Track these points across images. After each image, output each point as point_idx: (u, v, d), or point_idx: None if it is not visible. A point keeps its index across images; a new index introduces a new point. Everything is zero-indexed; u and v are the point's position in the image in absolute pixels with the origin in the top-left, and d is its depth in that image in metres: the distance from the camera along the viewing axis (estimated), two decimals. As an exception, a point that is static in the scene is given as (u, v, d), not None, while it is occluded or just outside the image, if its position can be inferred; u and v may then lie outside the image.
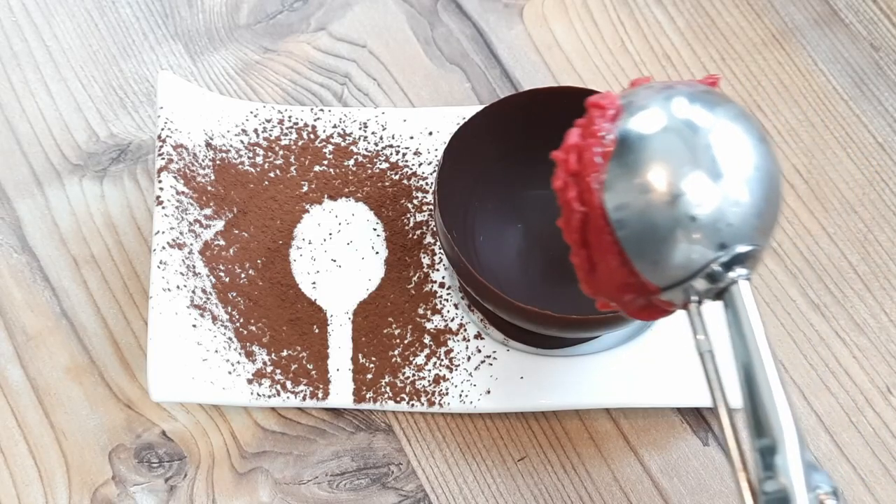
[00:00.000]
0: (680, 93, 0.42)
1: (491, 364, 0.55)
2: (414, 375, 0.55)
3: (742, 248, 0.41)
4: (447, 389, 0.54)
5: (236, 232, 0.57)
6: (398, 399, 0.54)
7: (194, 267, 0.55)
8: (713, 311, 0.42)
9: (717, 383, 0.41)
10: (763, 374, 0.39)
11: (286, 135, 0.60)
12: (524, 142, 0.56)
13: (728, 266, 0.41)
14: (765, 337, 0.40)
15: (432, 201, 0.55)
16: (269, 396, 0.54)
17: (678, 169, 0.41)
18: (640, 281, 0.42)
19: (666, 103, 0.42)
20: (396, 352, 0.55)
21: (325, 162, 0.60)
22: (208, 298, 0.55)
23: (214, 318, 0.55)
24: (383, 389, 0.54)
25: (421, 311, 0.56)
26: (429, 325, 0.56)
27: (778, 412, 0.39)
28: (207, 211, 0.57)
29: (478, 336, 0.56)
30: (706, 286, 0.41)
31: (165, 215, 0.55)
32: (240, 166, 0.59)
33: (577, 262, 0.43)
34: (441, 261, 0.57)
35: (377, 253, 0.58)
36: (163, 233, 0.55)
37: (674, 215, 0.41)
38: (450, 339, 0.56)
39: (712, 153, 0.41)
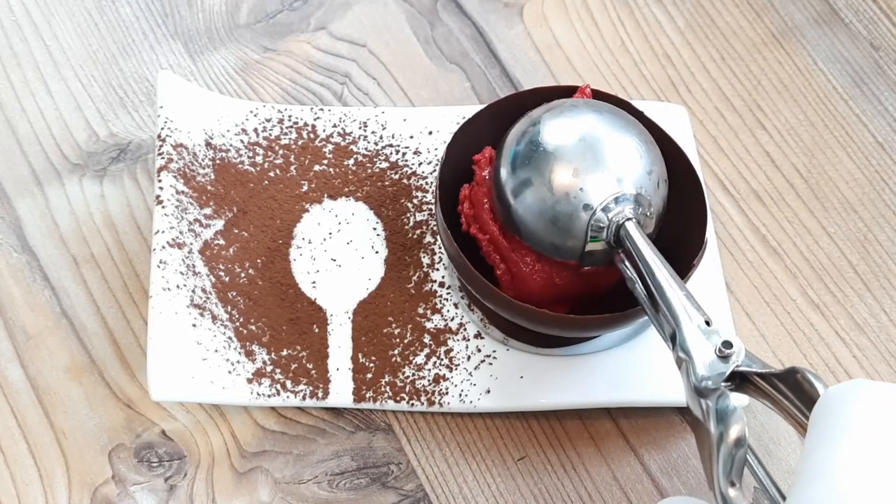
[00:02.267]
0: (531, 117, 0.53)
1: (491, 363, 0.55)
2: (414, 375, 0.55)
3: (605, 201, 0.50)
4: (447, 389, 0.54)
5: (236, 231, 0.57)
6: (398, 398, 0.54)
7: (194, 266, 0.55)
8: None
9: (645, 300, 0.50)
10: (657, 281, 0.49)
11: (286, 134, 0.60)
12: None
13: (608, 217, 0.50)
14: (654, 256, 0.49)
15: (433, 200, 0.55)
16: (269, 396, 0.54)
17: (526, 172, 0.51)
18: (564, 263, 0.52)
19: (517, 133, 0.53)
20: (396, 351, 0.55)
21: (325, 161, 0.60)
22: (208, 298, 0.55)
23: (214, 318, 0.54)
24: (383, 389, 0.54)
25: (421, 311, 0.56)
26: (429, 325, 0.56)
27: (672, 305, 0.48)
28: (207, 210, 0.57)
29: (478, 335, 0.56)
30: (603, 242, 0.51)
31: (165, 215, 0.55)
32: (240, 166, 0.59)
33: (500, 276, 0.53)
34: (441, 260, 0.57)
35: (377, 252, 0.58)
36: (163, 232, 0.55)
37: (539, 205, 0.51)
38: (450, 338, 0.56)
39: (548, 149, 0.51)
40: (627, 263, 0.50)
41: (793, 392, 0.44)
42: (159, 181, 0.56)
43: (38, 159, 0.61)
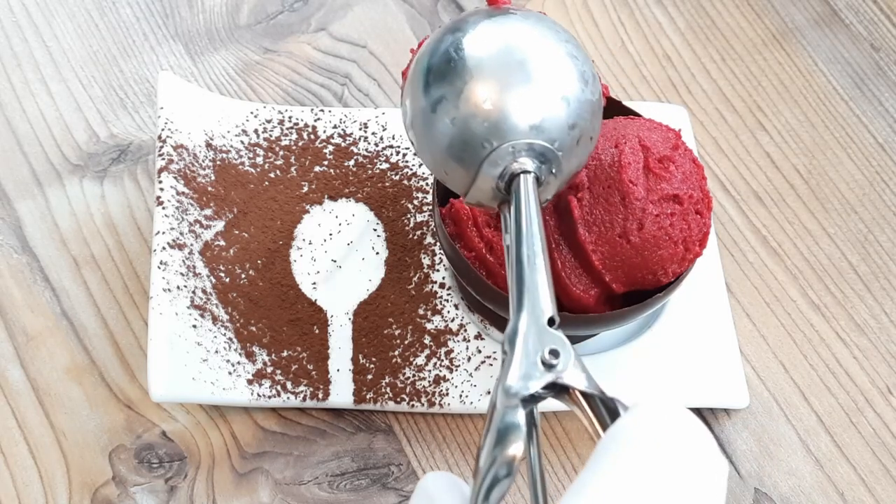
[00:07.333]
0: (437, 36, 0.47)
1: (491, 364, 0.55)
2: (414, 376, 0.55)
3: (507, 144, 0.44)
4: (447, 390, 0.54)
5: (236, 232, 0.57)
6: (398, 399, 0.54)
7: (195, 267, 0.55)
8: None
9: (510, 267, 0.43)
10: (521, 253, 0.43)
11: (286, 135, 0.60)
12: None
13: (506, 162, 0.45)
14: (534, 226, 0.43)
15: (432, 201, 0.55)
16: (270, 397, 0.54)
17: (434, 90, 0.45)
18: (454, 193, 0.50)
19: (437, 39, 0.47)
20: (397, 352, 0.55)
21: (326, 162, 0.60)
22: (208, 299, 0.55)
23: (215, 319, 0.54)
24: (383, 390, 0.54)
25: (421, 312, 0.56)
26: (429, 326, 0.56)
27: (523, 286, 0.42)
28: (208, 211, 0.57)
29: (478, 336, 0.56)
30: (493, 184, 0.45)
31: (166, 216, 0.55)
32: (240, 167, 0.59)
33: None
34: (441, 261, 0.57)
35: (377, 253, 0.58)
36: (163, 233, 0.55)
37: (439, 126, 0.45)
38: (450, 339, 0.56)
39: (465, 64, 0.45)
40: (512, 219, 0.44)
41: (609, 418, 0.39)
42: (160, 182, 0.56)
43: (39, 160, 0.61)
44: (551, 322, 0.41)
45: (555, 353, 0.40)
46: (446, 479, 0.40)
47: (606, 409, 0.39)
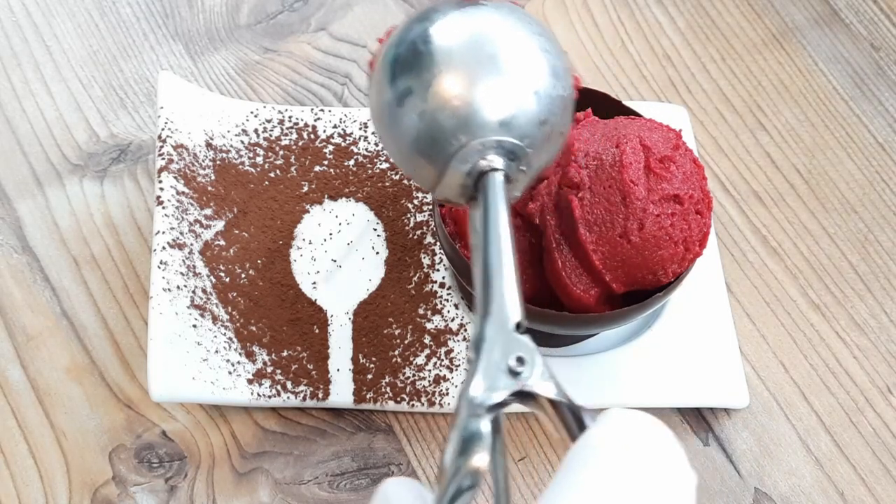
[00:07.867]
0: (405, 25, 0.45)
1: (491, 364, 0.55)
2: (414, 375, 0.55)
3: (477, 140, 0.42)
4: (447, 389, 0.54)
5: (236, 232, 0.57)
6: (398, 399, 0.54)
7: (195, 267, 0.55)
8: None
9: (479, 275, 0.41)
10: (489, 254, 0.40)
11: (286, 135, 0.60)
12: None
13: (475, 159, 0.42)
14: (503, 226, 0.41)
15: (432, 201, 0.55)
16: (270, 396, 0.54)
17: (400, 82, 0.43)
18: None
19: (405, 30, 0.45)
20: (397, 352, 0.55)
21: (326, 162, 0.60)
22: (209, 298, 0.55)
23: (215, 319, 0.54)
24: (383, 390, 0.54)
25: (421, 312, 0.56)
26: (429, 326, 0.56)
27: (491, 289, 0.39)
28: (208, 211, 0.57)
29: (478, 336, 0.56)
30: (461, 181, 0.43)
31: (166, 215, 0.55)
32: (240, 166, 0.59)
33: None
34: (441, 261, 0.57)
35: (377, 253, 0.58)
36: (163, 233, 0.55)
37: (405, 120, 0.43)
38: (450, 339, 0.56)
39: (433, 56, 0.43)
40: (479, 218, 0.42)
41: (577, 426, 0.38)
42: (160, 182, 0.56)
43: (39, 160, 0.61)
44: (518, 327, 0.39)
45: (521, 361, 0.38)
46: (409, 485, 0.38)
47: (574, 418, 0.38)
